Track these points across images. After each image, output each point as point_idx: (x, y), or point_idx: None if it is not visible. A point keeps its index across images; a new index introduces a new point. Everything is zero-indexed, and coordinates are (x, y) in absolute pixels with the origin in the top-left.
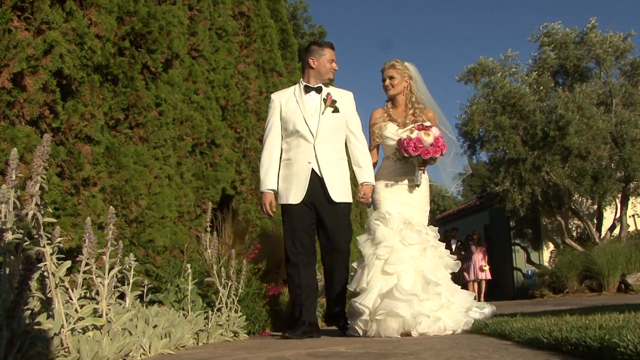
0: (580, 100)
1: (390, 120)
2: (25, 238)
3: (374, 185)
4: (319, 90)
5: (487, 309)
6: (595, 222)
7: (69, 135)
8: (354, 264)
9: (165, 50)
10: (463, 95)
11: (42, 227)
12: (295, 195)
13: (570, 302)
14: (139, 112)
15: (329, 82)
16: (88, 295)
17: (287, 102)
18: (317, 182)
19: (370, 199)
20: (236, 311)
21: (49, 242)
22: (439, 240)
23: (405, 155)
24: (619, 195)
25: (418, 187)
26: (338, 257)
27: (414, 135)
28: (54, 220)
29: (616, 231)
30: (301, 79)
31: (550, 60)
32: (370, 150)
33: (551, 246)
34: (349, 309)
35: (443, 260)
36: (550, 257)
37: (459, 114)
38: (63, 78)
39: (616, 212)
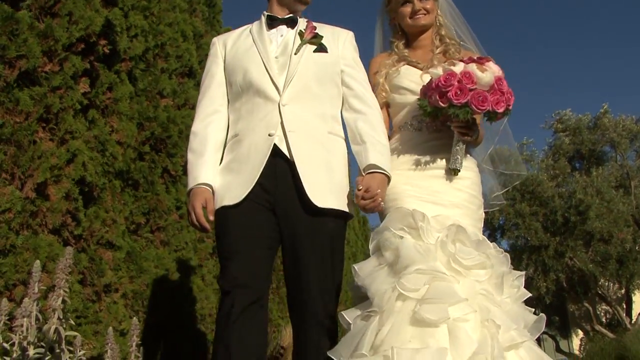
0: (598, 184)
1: (407, 63)
2: (47, 352)
3: (389, 178)
4: (291, 22)
5: None
6: (625, 306)
7: (90, 242)
8: (345, 314)
9: (185, 154)
10: None
11: (63, 341)
12: (237, 188)
13: None
14: (160, 215)
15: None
16: None
17: (235, 42)
18: (282, 169)
19: (382, 203)
20: None
21: (71, 355)
22: None
23: (442, 104)
24: None
25: (456, 174)
26: (315, 317)
27: (458, 69)
28: (75, 333)
29: None
30: (264, 11)
31: (565, 145)
32: None
33: (580, 333)
34: None
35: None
36: (581, 345)
37: None
38: (85, 185)
39: None
